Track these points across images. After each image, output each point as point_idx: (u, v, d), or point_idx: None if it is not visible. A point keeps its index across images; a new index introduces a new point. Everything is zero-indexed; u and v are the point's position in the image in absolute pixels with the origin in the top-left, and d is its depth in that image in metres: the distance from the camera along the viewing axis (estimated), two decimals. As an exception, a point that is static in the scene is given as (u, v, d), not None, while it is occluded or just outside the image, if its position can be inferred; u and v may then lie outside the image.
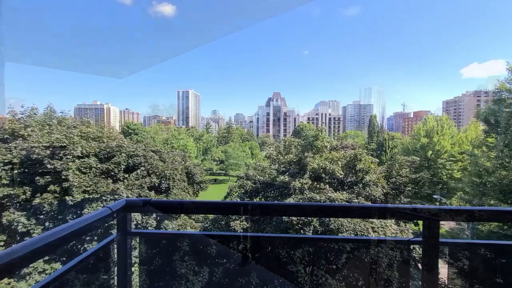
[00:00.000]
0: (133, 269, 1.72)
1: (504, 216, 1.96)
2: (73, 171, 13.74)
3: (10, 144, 13.50)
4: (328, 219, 12.38)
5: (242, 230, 14.26)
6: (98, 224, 1.25)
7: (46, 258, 12.35)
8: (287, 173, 15.73)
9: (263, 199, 17.54)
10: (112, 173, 14.99)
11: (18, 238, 12.29)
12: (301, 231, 12.66)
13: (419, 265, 1.36)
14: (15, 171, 13.28)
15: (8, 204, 12.74)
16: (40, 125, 16.59)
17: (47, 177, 13.38)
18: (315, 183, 14.97)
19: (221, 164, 60.18)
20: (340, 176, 14.50)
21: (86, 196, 13.70)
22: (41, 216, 13.03)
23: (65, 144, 14.15)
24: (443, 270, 1.43)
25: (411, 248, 1.42)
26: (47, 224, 13.05)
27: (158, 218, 16.99)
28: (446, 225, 30.36)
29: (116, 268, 1.41)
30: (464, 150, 30.99)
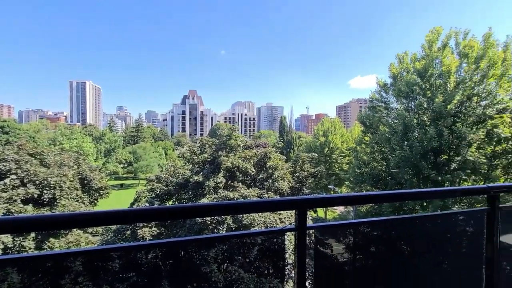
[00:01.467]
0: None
1: (370, 199, 2.41)
2: None
3: None
4: (241, 215, 12.78)
5: (151, 237, 13.11)
6: None
7: None
8: (201, 173, 15.39)
9: (177, 202, 16.63)
10: (-39, 185, 11.16)
11: None
12: (215, 230, 12.63)
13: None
14: None
15: None
16: None
17: None
18: (229, 182, 15.23)
19: (129, 166, 53.87)
20: (253, 173, 15.23)
21: None
22: None
23: None
24: (315, 251, 1.61)
25: (286, 235, 1.54)
26: None
27: (40, 237, 13.76)
28: (338, 210, 36.40)
29: None
30: (350, 147, 37.84)
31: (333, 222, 1.67)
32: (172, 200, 16.77)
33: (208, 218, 12.18)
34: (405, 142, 14.05)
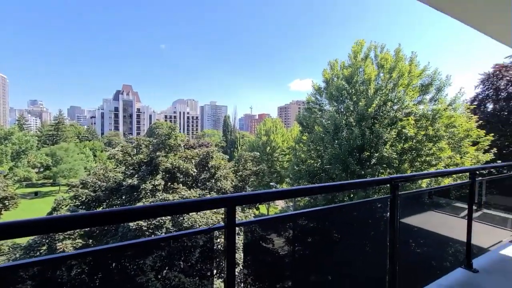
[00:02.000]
0: None
1: (296, 193, 2.57)
2: None
3: None
4: (182, 218, 12.24)
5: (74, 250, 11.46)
6: None
7: None
8: (136, 176, 14.15)
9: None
10: None
11: None
12: (153, 235, 11.78)
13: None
14: None
15: None
16: None
17: None
18: (169, 183, 14.42)
19: (47, 171, 46.09)
20: (194, 174, 14.74)
21: None
22: None
23: None
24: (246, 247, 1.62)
25: (215, 234, 1.53)
26: None
27: None
28: (279, 206, 38.23)
29: None
30: (290, 146, 40.17)
31: (263, 217, 1.70)
32: (102, 207, 15.00)
33: (144, 224, 11.28)
34: (336, 141, 15.59)
